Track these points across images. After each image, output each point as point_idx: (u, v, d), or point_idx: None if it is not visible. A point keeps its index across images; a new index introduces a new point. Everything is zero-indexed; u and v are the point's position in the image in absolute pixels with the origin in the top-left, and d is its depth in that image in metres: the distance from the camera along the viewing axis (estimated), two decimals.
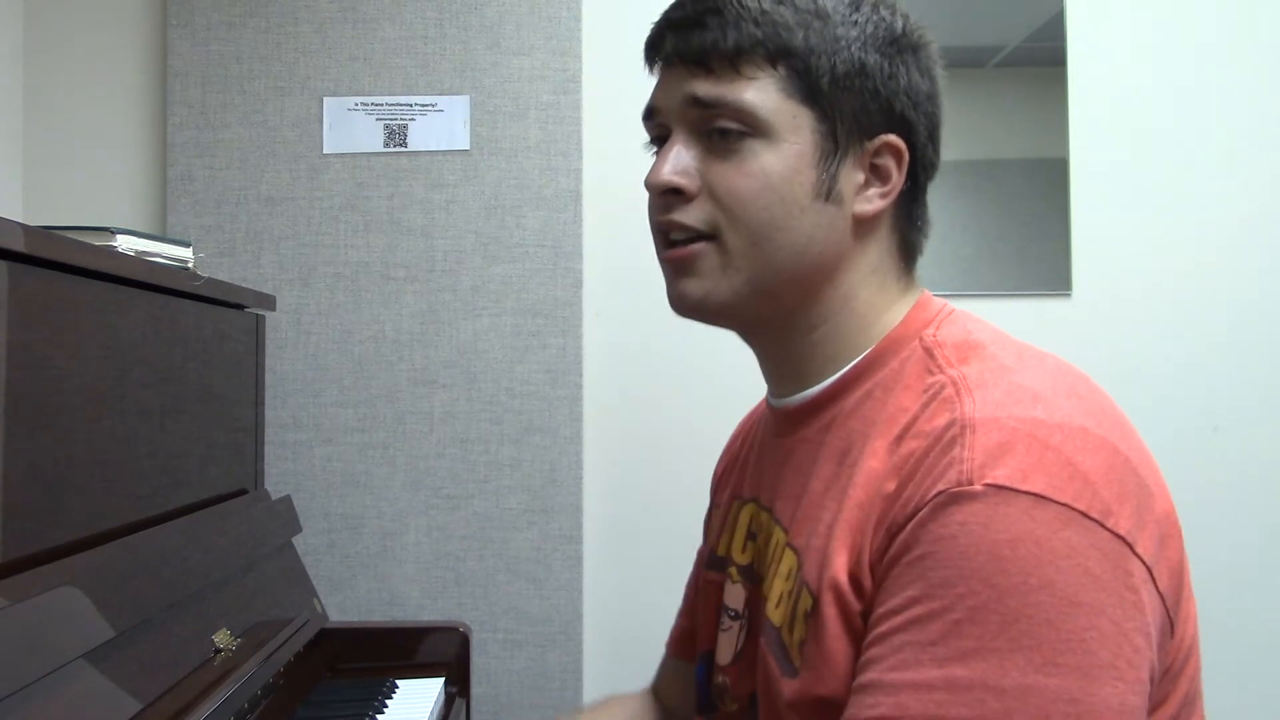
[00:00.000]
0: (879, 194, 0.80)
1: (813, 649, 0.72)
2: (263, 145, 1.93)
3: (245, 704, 1.22)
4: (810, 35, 0.77)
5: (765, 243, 0.77)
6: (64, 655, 0.93)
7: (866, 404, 0.78)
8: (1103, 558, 0.63)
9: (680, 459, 1.95)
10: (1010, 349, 0.76)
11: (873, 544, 0.69)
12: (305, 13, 1.94)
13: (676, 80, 0.80)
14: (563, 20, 1.94)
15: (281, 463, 1.90)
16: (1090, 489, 0.64)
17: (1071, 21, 1.97)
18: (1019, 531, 0.62)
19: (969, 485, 0.64)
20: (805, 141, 0.77)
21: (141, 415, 1.22)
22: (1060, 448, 0.65)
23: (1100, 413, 0.71)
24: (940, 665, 0.62)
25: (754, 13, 0.77)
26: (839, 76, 0.77)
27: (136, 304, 1.22)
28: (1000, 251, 1.98)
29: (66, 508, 1.05)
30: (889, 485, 0.70)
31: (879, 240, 0.82)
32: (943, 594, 0.63)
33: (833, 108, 0.77)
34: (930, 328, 0.79)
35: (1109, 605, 0.62)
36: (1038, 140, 1.98)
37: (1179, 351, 1.95)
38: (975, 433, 0.67)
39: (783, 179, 0.77)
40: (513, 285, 1.93)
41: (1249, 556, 1.92)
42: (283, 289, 1.92)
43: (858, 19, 0.79)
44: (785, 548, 0.80)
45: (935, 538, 0.64)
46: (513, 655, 1.90)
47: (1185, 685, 0.72)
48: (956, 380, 0.72)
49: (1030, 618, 0.60)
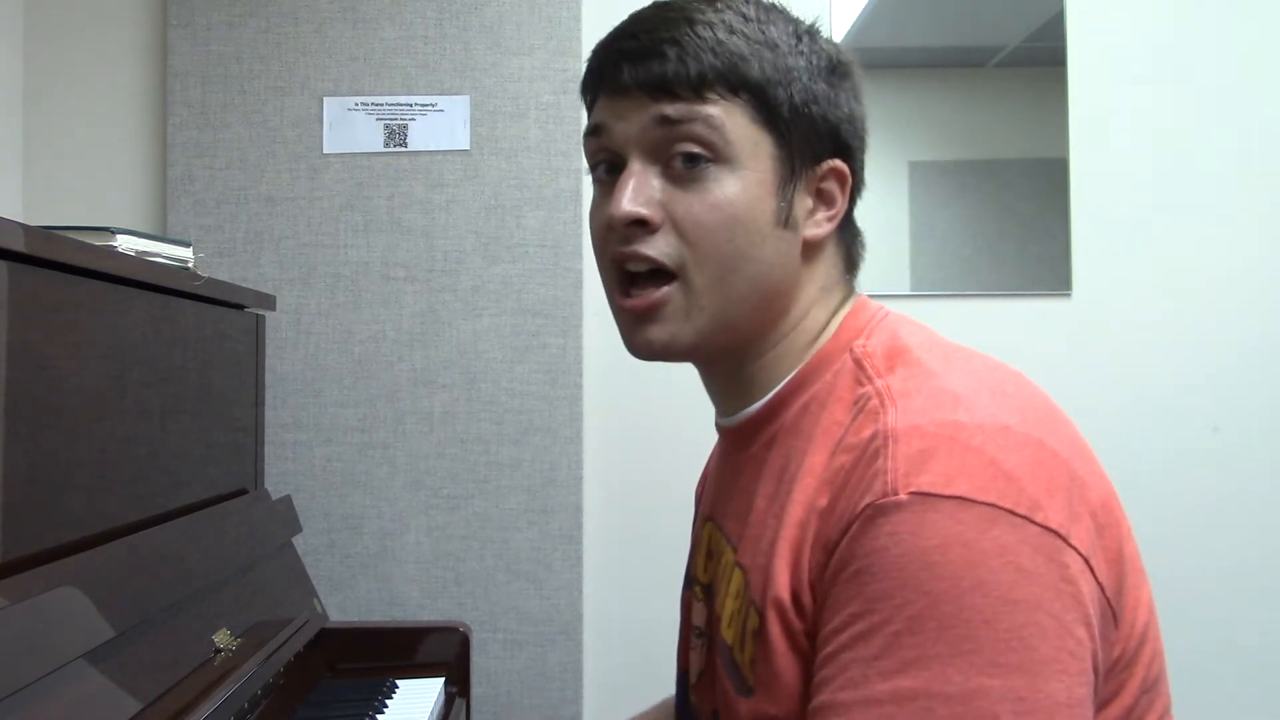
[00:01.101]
0: (826, 218, 0.81)
1: (763, 667, 0.72)
2: (263, 145, 1.93)
3: (245, 704, 1.22)
4: (765, 65, 0.77)
5: (730, 275, 0.77)
6: (64, 655, 0.93)
7: (804, 418, 0.78)
8: (1034, 552, 0.62)
9: (680, 459, 1.94)
10: (937, 353, 0.76)
11: (810, 561, 0.69)
12: (305, 13, 1.94)
13: (633, 106, 0.78)
14: (563, 20, 1.94)
15: (281, 463, 1.90)
16: (1015, 486, 0.64)
17: (1071, 21, 1.97)
18: (947, 536, 0.62)
19: (894, 495, 0.64)
20: (765, 169, 0.77)
21: (141, 415, 1.22)
22: (982, 448, 0.65)
23: (1027, 409, 0.71)
24: (885, 679, 0.61)
25: (711, 43, 0.76)
26: (796, 105, 0.78)
27: (136, 304, 1.22)
28: (1000, 251, 1.98)
29: (66, 508, 1.05)
30: (822, 500, 0.70)
31: (824, 261, 0.83)
32: (880, 607, 0.63)
33: (789, 135, 0.78)
34: (861, 337, 0.79)
35: (1046, 599, 0.62)
36: (1038, 140, 1.98)
37: (1179, 351, 1.95)
38: (898, 442, 0.67)
39: (746, 207, 0.76)
40: (513, 285, 1.93)
41: (1249, 556, 1.92)
42: (283, 289, 1.92)
43: (803, 49, 0.79)
44: (734, 566, 0.80)
45: (867, 551, 0.64)
46: (513, 655, 1.90)
47: (1141, 672, 0.71)
48: (881, 390, 0.72)
49: (968, 620, 0.60)
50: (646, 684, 1.17)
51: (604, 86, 0.80)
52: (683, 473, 1.97)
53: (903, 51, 0.81)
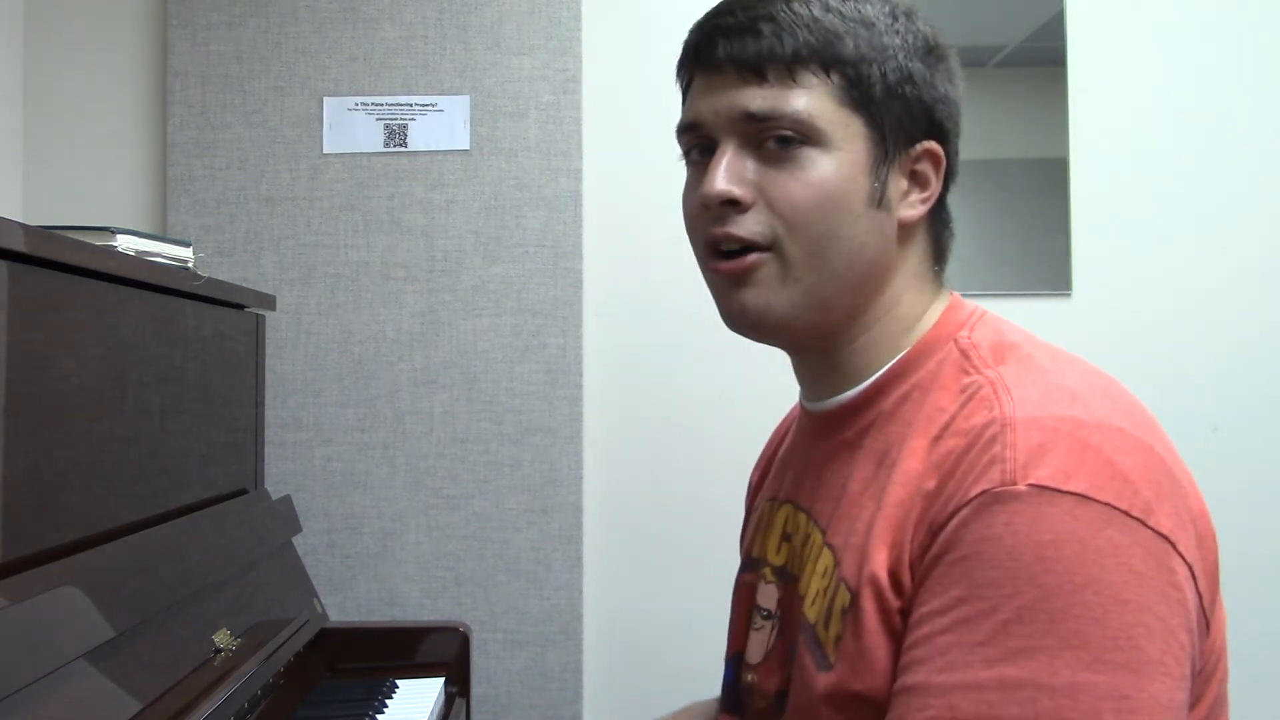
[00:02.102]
0: (920, 199, 0.81)
1: (850, 644, 0.72)
2: (263, 145, 1.93)
3: (245, 704, 1.22)
4: (859, 44, 0.77)
5: (824, 252, 0.77)
6: (64, 655, 0.93)
7: (904, 406, 0.78)
8: (1146, 555, 0.63)
9: (680, 459, 1.95)
10: (1044, 350, 0.77)
11: (913, 541, 0.70)
12: (305, 13, 1.94)
13: (725, 91, 0.78)
14: (563, 20, 1.94)
15: (281, 463, 1.90)
16: (1131, 488, 0.65)
17: (1071, 21, 1.97)
18: (1063, 531, 0.62)
19: (1012, 485, 0.64)
20: (858, 149, 0.77)
21: (141, 415, 1.22)
22: (1100, 447, 0.66)
23: (1135, 414, 0.72)
24: (990, 665, 0.62)
25: (807, 20, 0.77)
26: (890, 84, 0.78)
27: (136, 304, 1.22)
28: (1000, 251, 1.98)
29: (66, 508, 1.05)
30: (929, 483, 0.70)
31: (918, 245, 0.83)
32: (989, 594, 0.63)
33: (882, 115, 0.78)
34: (964, 330, 0.80)
35: (1154, 602, 0.62)
36: (1038, 140, 1.98)
37: (1179, 351, 1.95)
38: (1015, 431, 0.67)
39: (839, 187, 0.77)
40: (513, 285, 1.93)
41: (1249, 556, 1.91)
42: (283, 289, 1.92)
43: (899, 28, 0.79)
44: (823, 546, 0.80)
45: (979, 538, 0.64)
46: (513, 655, 1.90)
47: (1215, 688, 0.72)
48: (994, 380, 0.72)
49: (1078, 616, 0.61)
50: (646, 684, 1.18)
51: (699, 65, 0.81)
52: (683, 471, 1.98)
53: None
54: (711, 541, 1.36)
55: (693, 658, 1.34)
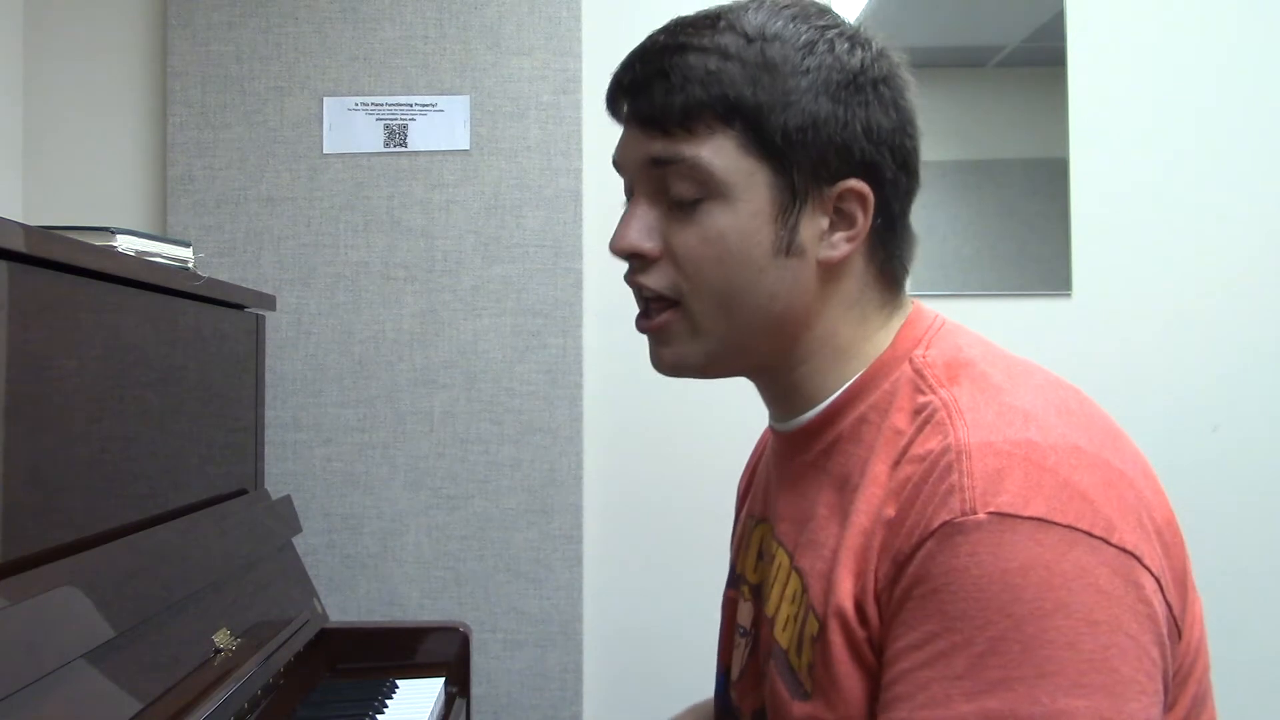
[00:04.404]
0: (845, 239, 0.78)
1: (821, 673, 0.72)
2: (263, 145, 1.93)
3: (245, 704, 1.22)
4: (759, 91, 0.75)
5: (727, 305, 0.77)
6: (64, 655, 0.93)
7: (863, 428, 0.78)
8: (1112, 574, 0.63)
9: (680, 459, 1.95)
10: (1000, 365, 0.76)
11: (878, 571, 0.69)
12: (305, 13, 1.94)
13: (634, 140, 0.80)
14: (563, 20, 1.94)
15: (281, 463, 1.90)
16: (1091, 507, 0.64)
17: (1071, 21, 1.97)
18: (1027, 558, 0.62)
19: (973, 514, 0.64)
20: (761, 199, 0.76)
21: (141, 415, 1.22)
22: (1056, 469, 0.66)
23: (1091, 428, 0.71)
24: (970, 699, 0.62)
25: (699, 73, 0.75)
26: (790, 130, 0.75)
27: (136, 304, 1.22)
28: (1000, 251, 1.98)
29: (66, 508, 1.05)
30: (889, 510, 0.70)
31: (853, 278, 0.80)
32: (962, 627, 0.63)
33: (789, 161, 0.75)
34: (920, 348, 0.78)
35: (1125, 620, 0.62)
36: (1038, 140, 1.98)
37: (1179, 351, 1.95)
38: (971, 459, 0.66)
39: (740, 243, 0.76)
40: (513, 285, 1.93)
41: (1249, 556, 1.92)
42: (283, 289, 1.92)
43: (809, 65, 0.75)
44: (791, 571, 0.80)
45: (946, 569, 0.64)
46: (513, 655, 1.90)
47: (1194, 687, 0.72)
48: (947, 402, 0.71)
49: (1051, 642, 0.61)
50: (646, 684, 1.18)
51: (613, 114, 0.83)
52: (683, 472, 1.98)
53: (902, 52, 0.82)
54: (711, 541, 1.36)
55: (692, 658, 1.34)
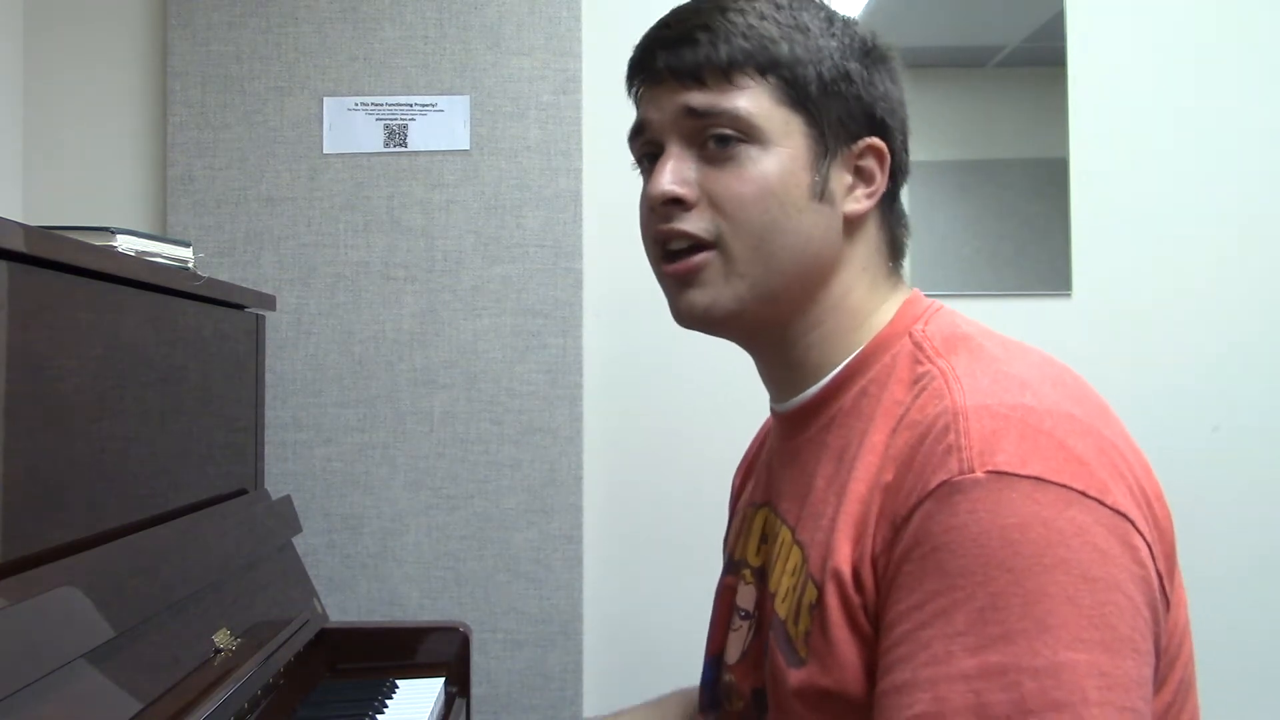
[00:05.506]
0: (865, 194, 0.83)
1: (818, 639, 0.73)
2: (263, 145, 1.93)
3: (245, 704, 1.22)
4: (795, 47, 0.80)
5: (767, 245, 0.79)
6: (64, 655, 0.93)
7: (863, 401, 0.79)
8: (1109, 533, 0.64)
9: (680, 459, 1.95)
10: (995, 341, 0.79)
11: (875, 536, 0.70)
12: (305, 13, 1.94)
13: (667, 95, 0.82)
14: (563, 20, 1.94)
15: (281, 463, 1.90)
16: (1086, 470, 0.66)
17: (1071, 21, 1.97)
18: (1026, 514, 0.63)
19: (970, 473, 0.65)
20: (797, 146, 0.80)
21: (141, 415, 1.22)
22: (1052, 432, 0.67)
23: (1086, 401, 0.73)
24: (972, 654, 0.62)
25: (742, 28, 0.80)
26: (825, 83, 0.80)
27: (136, 304, 1.22)
28: (1000, 251, 1.98)
29: (66, 508, 1.05)
30: (886, 475, 0.71)
31: (867, 239, 0.84)
32: (962, 583, 0.63)
33: (820, 113, 0.80)
34: (919, 323, 0.81)
35: (1121, 579, 0.63)
36: (1038, 140, 1.98)
37: (1179, 351, 1.95)
38: (968, 420, 0.68)
39: (780, 182, 0.79)
40: (513, 285, 1.93)
41: (1249, 556, 1.92)
42: (283, 289, 1.92)
43: (834, 32, 0.82)
44: (792, 544, 0.81)
45: (945, 528, 0.65)
46: (513, 655, 1.90)
47: (1180, 671, 0.73)
48: (945, 370, 0.74)
49: (1051, 596, 0.62)
50: (646, 683, 1.17)
51: (643, 76, 0.84)
52: (683, 472, 1.97)
53: (902, 51, 0.82)
54: (711, 541, 1.36)
55: (693, 657, 1.34)
